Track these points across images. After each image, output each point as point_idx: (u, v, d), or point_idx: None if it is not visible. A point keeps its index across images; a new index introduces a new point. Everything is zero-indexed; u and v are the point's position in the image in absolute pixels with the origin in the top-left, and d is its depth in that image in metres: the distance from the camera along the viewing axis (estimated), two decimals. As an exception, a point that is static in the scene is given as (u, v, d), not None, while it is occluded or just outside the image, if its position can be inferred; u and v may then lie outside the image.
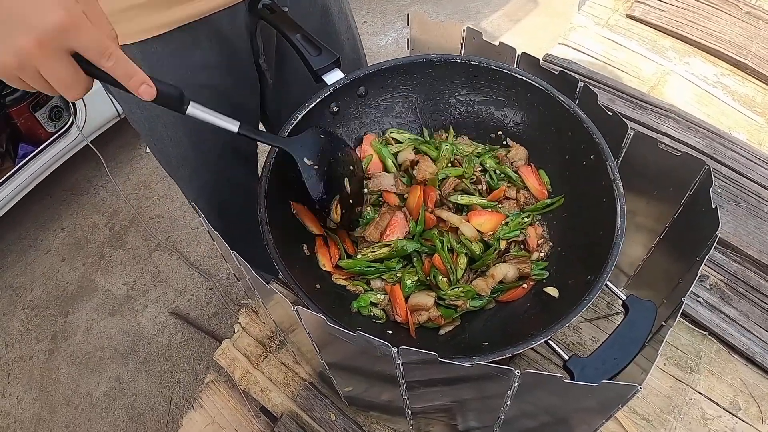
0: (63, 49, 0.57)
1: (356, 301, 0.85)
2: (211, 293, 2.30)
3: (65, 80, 0.59)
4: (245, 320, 1.04)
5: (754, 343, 1.04)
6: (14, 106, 2.31)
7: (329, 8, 1.13)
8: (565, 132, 0.86)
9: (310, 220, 0.90)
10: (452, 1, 3.66)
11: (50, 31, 0.55)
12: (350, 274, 0.88)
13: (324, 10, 1.13)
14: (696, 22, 1.86)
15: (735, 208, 1.27)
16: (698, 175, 0.74)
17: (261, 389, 0.96)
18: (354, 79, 0.94)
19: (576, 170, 0.87)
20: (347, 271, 0.88)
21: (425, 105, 1.02)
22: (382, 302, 0.86)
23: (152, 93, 0.64)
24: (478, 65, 0.92)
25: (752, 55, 1.73)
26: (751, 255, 1.18)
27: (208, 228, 0.68)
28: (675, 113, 1.46)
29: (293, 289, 0.72)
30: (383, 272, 0.87)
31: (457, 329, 0.84)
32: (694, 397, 0.96)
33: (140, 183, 2.73)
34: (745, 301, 1.11)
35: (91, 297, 2.35)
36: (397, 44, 3.36)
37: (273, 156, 0.84)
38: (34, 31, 0.54)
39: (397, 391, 0.67)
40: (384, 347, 0.55)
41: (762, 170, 1.38)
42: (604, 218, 0.76)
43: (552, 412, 0.66)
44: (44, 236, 2.59)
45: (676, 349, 1.01)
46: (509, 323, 0.81)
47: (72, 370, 2.14)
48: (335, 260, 0.89)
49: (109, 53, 0.59)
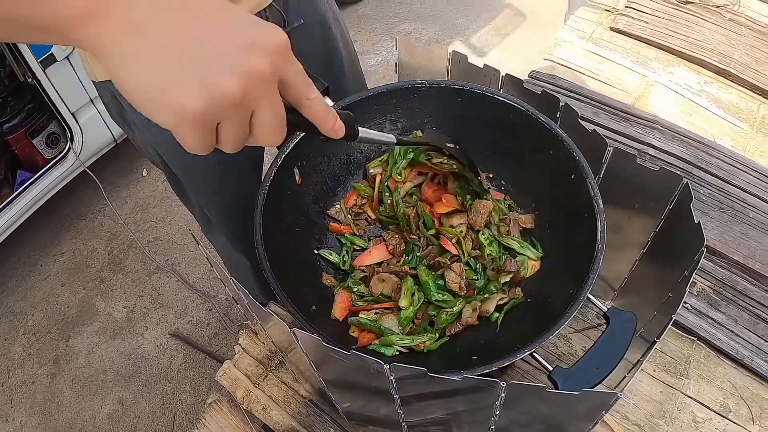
0: (275, 79, 0.47)
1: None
2: (211, 314, 2.32)
3: (282, 118, 0.49)
4: (245, 341, 1.06)
5: (742, 347, 1.06)
6: (12, 133, 2.33)
7: (329, 25, 1.16)
8: (547, 151, 0.89)
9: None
10: (441, 17, 3.71)
11: (280, 51, 0.46)
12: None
13: (325, 32, 1.15)
14: (678, 32, 1.89)
15: (720, 215, 1.30)
16: (677, 190, 0.77)
17: (262, 408, 0.98)
18: (343, 107, 0.95)
19: (559, 187, 0.89)
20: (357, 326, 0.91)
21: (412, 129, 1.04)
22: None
23: (344, 129, 0.58)
24: (462, 89, 0.95)
25: (735, 62, 1.77)
26: (737, 260, 1.21)
27: (207, 256, 0.71)
28: (659, 124, 1.49)
29: (291, 313, 0.74)
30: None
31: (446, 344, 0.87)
32: (685, 402, 0.98)
33: (137, 206, 2.76)
34: (733, 305, 1.14)
35: (92, 321, 2.37)
36: (387, 63, 3.40)
37: (267, 183, 0.87)
38: (266, 49, 0.45)
39: (392, 406, 0.69)
40: (377, 364, 0.58)
41: (746, 176, 1.41)
42: (586, 233, 0.79)
43: (543, 421, 0.69)
44: (43, 261, 2.61)
45: (665, 355, 1.03)
46: (497, 338, 0.84)
47: (75, 394, 2.16)
48: (347, 311, 0.92)
49: (312, 87, 0.52)
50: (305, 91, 0.51)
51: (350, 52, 1.24)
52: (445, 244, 0.91)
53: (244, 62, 0.43)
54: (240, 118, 0.46)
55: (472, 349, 0.83)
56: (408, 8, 3.82)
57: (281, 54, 0.46)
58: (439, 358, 0.84)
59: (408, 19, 3.71)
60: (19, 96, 2.32)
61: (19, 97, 2.33)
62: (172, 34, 0.42)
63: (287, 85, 0.49)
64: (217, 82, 0.42)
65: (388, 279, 0.88)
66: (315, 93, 0.52)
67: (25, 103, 2.33)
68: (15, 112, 2.33)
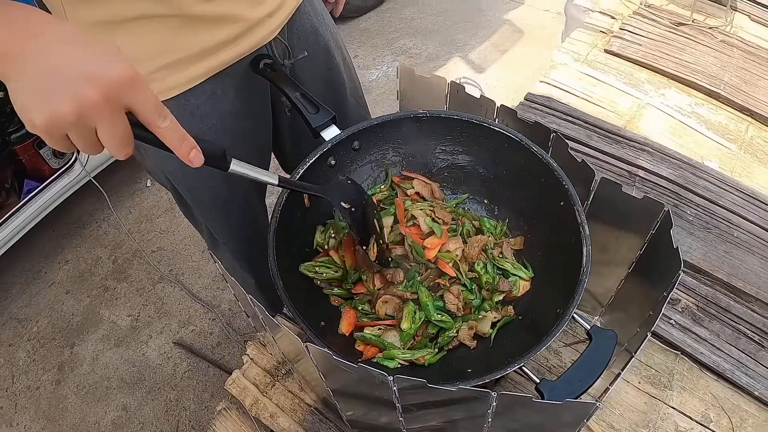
0: (122, 105, 0.57)
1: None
2: (214, 324, 2.37)
3: (120, 138, 0.58)
4: (253, 352, 1.12)
5: (724, 360, 1.12)
6: (20, 143, 2.39)
7: (332, 55, 1.21)
8: (538, 179, 0.96)
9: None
10: (441, 33, 3.78)
11: (116, 84, 0.55)
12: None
13: (328, 61, 1.21)
14: (671, 54, 1.94)
15: (706, 234, 1.36)
16: (659, 216, 0.84)
17: (270, 415, 1.04)
18: (349, 135, 1.03)
19: (549, 213, 0.96)
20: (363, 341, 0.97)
21: (413, 155, 1.11)
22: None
23: (201, 159, 0.65)
24: (460, 119, 1.02)
25: (725, 84, 1.82)
26: (720, 278, 1.26)
27: (224, 272, 0.77)
28: (649, 146, 1.55)
29: (303, 329, 0.81)
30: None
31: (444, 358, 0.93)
32: (668, 412, 1.04)
33: (141, 216, 2.82)
34: (716, 321, 1.19)
35: (97, 328, 2.42)
36: (387, 77, 3.46)
37: (279, 208, 0.93)
38: (100, 82, 0.55)
39: (393, 414, 0.75)
40: (382, 376, 0.64)
41: (732, 197, 1.46)
42: (573, 256, 0.85)
43: (533, 428, 0.75)
44: (48, 269, 2.66)
45: (650, 368, 1.09)
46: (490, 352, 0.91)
47: (79, 400, 2.20)
48: (353, 326, 0.98)
49: (165, 114, 0.61)
50: (153, 119, 0.60)
51: (353, 79, 1.30)
52: (443, 268, 0.97)
53: (79, 92, 0.54)
54: (82, 131, 0.57)
55: (468, 363, 0.90)
56: (408, 24, 3.90)
57: (120, 86, 0.56)
58: (437, 371, 0.91)
59: (408, 35, 3.79)
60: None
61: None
62: (35, 65, 0.55)
63: (136, 113, 0.59)
64: (56, 106, 0.54)
65: (390, 300, 0.95)
66: (167, 122, 0.61)
67: (33, 114, 2.38)
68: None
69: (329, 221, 1.07)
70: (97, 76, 0.55)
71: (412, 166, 1.12)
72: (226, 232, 1.31)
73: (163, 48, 0.92)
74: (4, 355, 2.36)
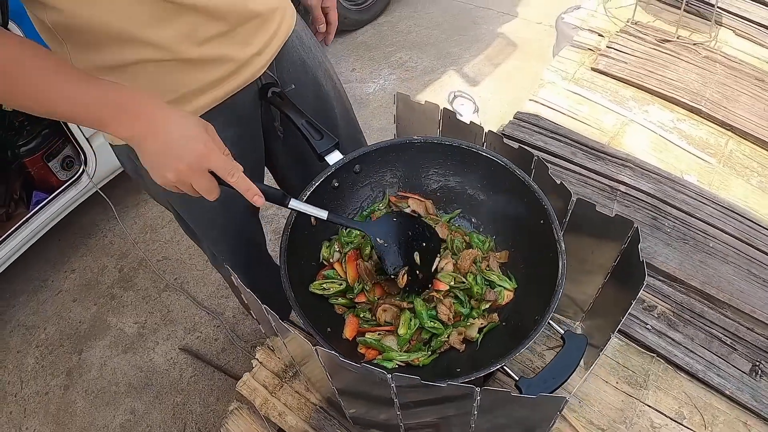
0: (203, 169, 0.84)
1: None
2: (219, 330, 2.44)
3: (207, 189, 0.86)
4: (262, 356, 1.22)
5: (696, 362, 1.21)
6: (29, 156, 2.45)
7: (320, 84, 1.28)
8: (521, 199, 1.06)
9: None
10: (436, 46, 3.87)
11: (195, 160, 0.83)
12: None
13: (316, 90, 1.28)
14: (655, 71, 2.02)
15: (683, 245, 1.45)
16: (629, 233, 0.94)
17: (278, 414, 1.13)
18: (351, 159, 1.13)
19: (530, 230, 1.05)
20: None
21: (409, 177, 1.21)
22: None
23: (263, 200, 0.90)
24: (451, 145, 1.12)
25: (706, 101, 1.90)
26: (695, 286, 1.36)
27: (238, 284, 0.87)
28: (631, 162, 1.64)
29: (312, 334, 0.91)
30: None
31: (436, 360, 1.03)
32: (644, 409, 1.13)
33: (146, 227, 2.89)
34: (691, 326, 1.28)
35: (104, 335, 2.48)
36: (384, 91, 3.53)
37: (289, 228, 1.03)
38: (185, 160, 0.83)
39: (392, 411, 0.85)
40: (381, 374, 0.73)
41: (709, 209, 1.55)
42: (551, 269, 0.95)
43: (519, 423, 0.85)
44: (54, 277, 2.72)
45: (627, 370, 1.19)
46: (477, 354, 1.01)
47: (87, 404, 2.25)
48: (355, 332, 1.07)
49: (233, 173, 0.86)
50: (225, 176, 0.86)
51: (343, 103, 1.38)
52: (436, 285, 1.08)
53: (175, 166, 0.83)
54: (185, 186, 0.86)
55: (457, 363, 1.00)
56: (404, 37, 3.99)
57: (198, 159, 0.83)
58: (430, 371, 1.00)
59: (404, 48, 3.88)
60: (36, 121, 2.44)
61: (35, 122, 2.45)
62: (156, 144, 0.84)
63: (216, 172, 0.86)
64: (165, 174, 0.85)
65: (389, 309, 1.05)
66: (235, 177, 0.87)
67: (42, 128, 2.45)
68: (32, 136, 2.45)
69: (333, 237, 1.17)
70: (181, 156, 0.83)
71: (407, 187, 1.22)
72: (225, 249, 1.39)
73: (161, 87, 1.01)
74: (12, 361, 2.42)
